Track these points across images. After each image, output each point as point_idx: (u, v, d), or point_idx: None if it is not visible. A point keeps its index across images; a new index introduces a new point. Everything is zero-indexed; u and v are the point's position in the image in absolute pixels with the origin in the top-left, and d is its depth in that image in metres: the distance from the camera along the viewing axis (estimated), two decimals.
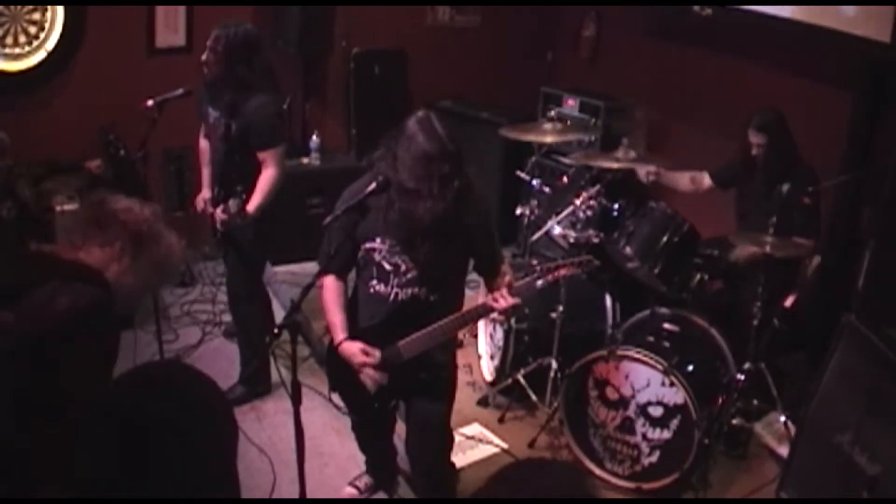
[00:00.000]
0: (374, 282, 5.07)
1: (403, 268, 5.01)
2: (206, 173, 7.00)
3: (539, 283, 5.03)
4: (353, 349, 5.02)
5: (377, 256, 5.03)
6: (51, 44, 8.11)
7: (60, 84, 8.25)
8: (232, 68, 6.34)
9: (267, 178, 6.49)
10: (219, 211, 6.40)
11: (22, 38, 8.02)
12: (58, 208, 7.46)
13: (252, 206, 6.40)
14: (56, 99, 8.22)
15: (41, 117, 8.05)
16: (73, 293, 3.34)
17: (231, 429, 2.50)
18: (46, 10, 7.98)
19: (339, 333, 5.08)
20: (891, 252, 5.29)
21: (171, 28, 8.66)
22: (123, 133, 8.08)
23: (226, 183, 6.62)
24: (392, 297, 5.05)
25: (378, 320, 5.11)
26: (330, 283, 5.15)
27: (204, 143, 6.95)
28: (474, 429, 6.80)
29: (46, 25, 8.04)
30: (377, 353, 4.99)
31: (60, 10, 8.04)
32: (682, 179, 7.53)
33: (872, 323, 5.33)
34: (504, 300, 4.91)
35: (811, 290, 7.23)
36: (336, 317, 5.12)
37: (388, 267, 5.03)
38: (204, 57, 6.42)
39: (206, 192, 6.93)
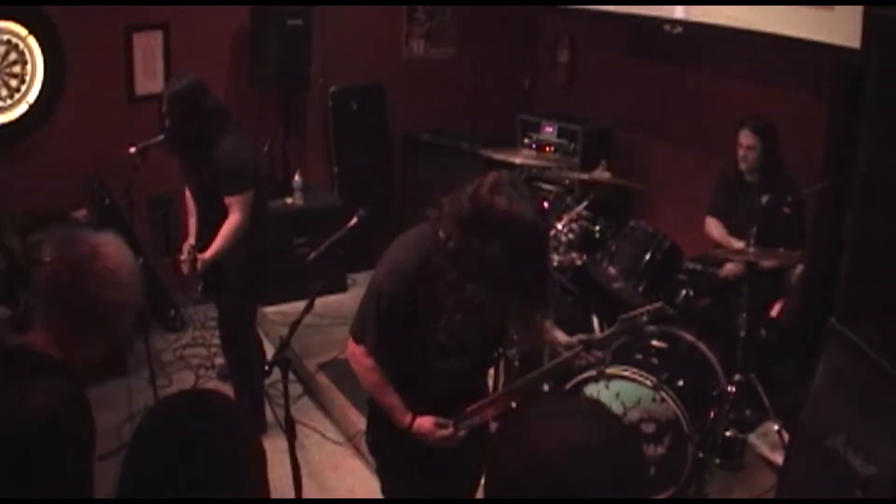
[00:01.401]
0: (437, 359, 4.32)
1: (470, 341, 4.36)
2: (192, 223, 7.03)
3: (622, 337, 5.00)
4: (428, 425, 4.41)
5: (442, 336, 4.27)
6: (32, 96, 8.14)
7: (44, 135, 8.28)
8: (186, 126, 6.41)
9: (229, 224, 6.53)
10: (181, 257, 6.55)
11: (4, 92, 8.05)
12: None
13: (210, 251, 6.48)
14: (40, 150, 8.24)
15: (26, 169, 8.08)
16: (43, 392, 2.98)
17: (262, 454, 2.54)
18: (27, 62, 8.02)
19: (405, 414, 4.40)
20: (868, 254, 5.33)
21: (149, 75, 8.69)
22: (108, 181, 8.13)
23: (210, 230, 6.67)
24: (457, 370, 4.39)
25: (439, 394, 4.44)
26: (373, 363, 4.38)
27: (189, 194, 7.00)
28: None
29: (27, 78, 8.08)
30: (450, 423, 4.46)
31: (40, 61, 8.08)
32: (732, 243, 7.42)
33: (855, 324, 5.38)
34: (595, 356, 4.67)
35: (797, 297, 7.28)
36: (393, 398, 4.42)
37: (453, 343, 4.32)
38: (165, 123, 6.50)
39: (191, 240, 6.96)
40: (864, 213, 5.39)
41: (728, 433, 6.45)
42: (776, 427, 6.56)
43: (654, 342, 6.56)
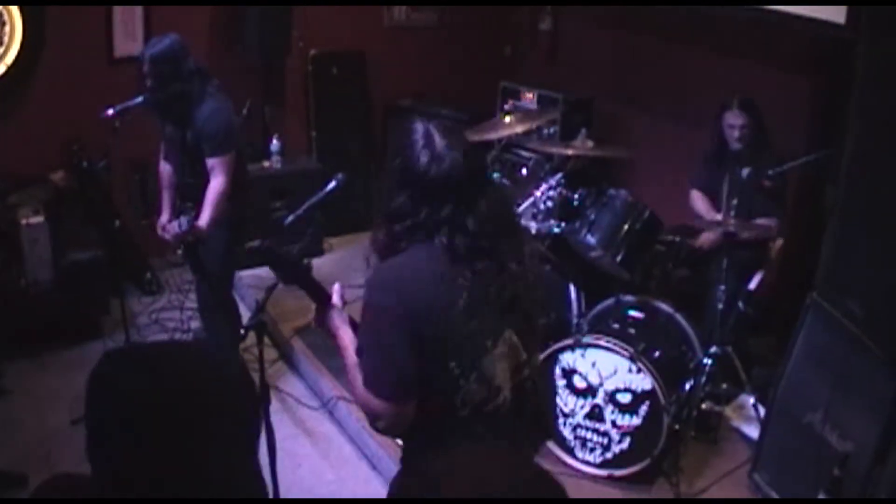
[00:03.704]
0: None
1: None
2: (165, 196, 7.00)
3: None
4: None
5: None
6: (10, 57, 8.05)
7: (22, 97, 8.20)
8: (167, 87, 6.36)
9: (214, 188, 6.48)
10: (171, 225, 6.40)
11: None
12: (23, 222, 7.41)
13: (203, 220, 6.38)
14: (18, 112, 8.16)
15: (3, 131, 8.00)
16: None
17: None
18: (5, 24, 7.93)
19: None
20: (850, 229, 5.32)
21: (129, 36, 8.61)
22: (87, 144, 8.09)
23: (190, 193, 6.63)
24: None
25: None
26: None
27: (165, 166, 6.95)
28: None
29: (5, 39, 7.98)
30: None
31: (19, 23, 7.98)
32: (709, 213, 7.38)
33: (836, 300, 5.38)
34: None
35: (776, 271, 7.28)
36: None
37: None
38: (147, 85, 6.43)
39: (164, 217, 6.91)
40: (849, 188, 5.38)
41: (704, 406, 6.45)
42: (752, 400, 6.58)
43: (632, 312, 6.56)
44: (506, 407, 3.53)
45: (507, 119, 7.52)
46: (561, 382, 6.17)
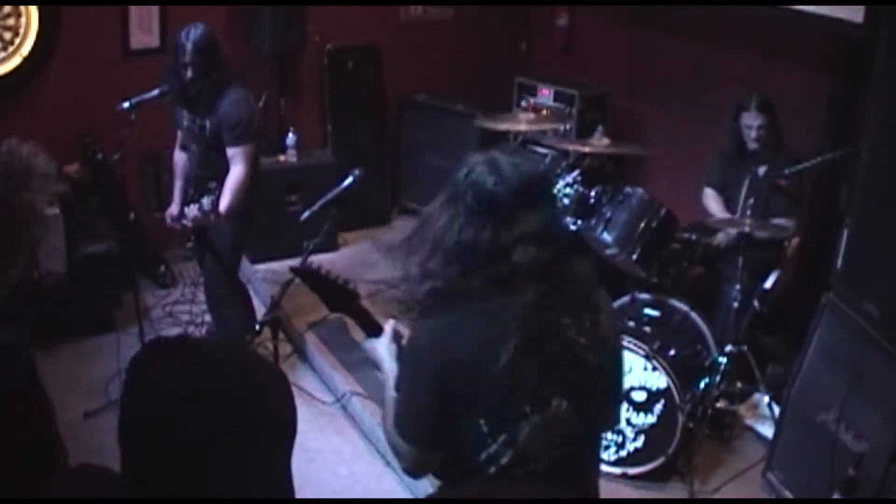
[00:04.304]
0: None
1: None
2: (177, 186, 7.01)
3: None
4: None
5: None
6: (26, 48, 8.04)
7: (37, 89, 8.20)
8: (207, 73, 6.36)
9: (235, 176, 6.47)
10: (193, 208, 6.33)
11: None
12: None
13: (223, 206, 6.34)
14: (33, 104, 8.16)
15: (18, 123, 7.94)
16: None
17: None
18: (21, 15, 7.93)
19: None
20: (867, 229, 5.30)
21: (145, 29, 8.61)
22: (101, 136, 8.06)
23: (201, 185, 6.62)
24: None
25: None
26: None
27: (178, 156, 6.97)
28: None
29: (21, 31, 7.98)
30: None
31: (35, 14, 7.98)
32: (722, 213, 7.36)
33: (852, 300, 5.36)
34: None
35: (792, 270, 7.27)
36: None
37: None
38: (188, 74, 6.40)
39: (174, 208, 6.93)
40: (865, 188, 5.36)
41: (718, 404, 6.43)
42: (766, 399, 6.56)
43: (647, 310, 6.55)
44: (542, 475, 3.19)
45: (523, 116, 7.52)
46: None
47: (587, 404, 3.22)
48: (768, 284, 6.76)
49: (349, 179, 5.24)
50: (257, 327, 4.67)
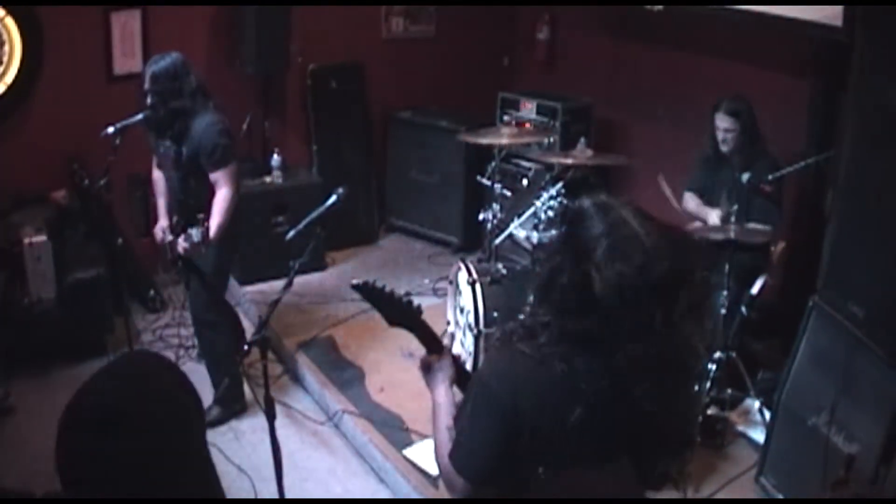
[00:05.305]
0: None
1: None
2: (161, 203, 7.01)
3: None
4: None
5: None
6: (10, 77, 8.06)
7: (22, 117, 8.22)
8: (164, 102, 6.38)
9: (221, 199, 6.48)
10: (181, 240, 6.31)
11: None
12: (26, 241, 7.41)
13: (213, 229, 6.34)
14: (18, 131, 8.17)
15: (4, 150, 8.00)
16: None
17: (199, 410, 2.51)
18: (4, 43, 7.95)
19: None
20: (849, 231, 5.33)
21: (128, 54, 8.62)
22: (87, 162, 8.07)
23: (184, 211, 6.63)
24: None
25: None
26: None
27: (157, 174, 6.97)
28: None
29: (5, 59, 8.00)
30: None
31: (18, 42, 8.00)
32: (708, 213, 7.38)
33: (837, 302, 5.39)
34: None
35: (778, 275, 7.29)
36: None
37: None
38: (147, 101, 6.45)
39: (163, 221, 6.93)
40: (847, 190, 5.39)
41: (710, 411, 6.44)
42: (757, 405, 6.57)
43: None
44: None
45: (506, 130, 7.55)
46: None
47: (646, 469, 3.24)
48: (755, 290, 6.78)
49: (333, 198, 5.25)
50: (245, 347, 4.68)
